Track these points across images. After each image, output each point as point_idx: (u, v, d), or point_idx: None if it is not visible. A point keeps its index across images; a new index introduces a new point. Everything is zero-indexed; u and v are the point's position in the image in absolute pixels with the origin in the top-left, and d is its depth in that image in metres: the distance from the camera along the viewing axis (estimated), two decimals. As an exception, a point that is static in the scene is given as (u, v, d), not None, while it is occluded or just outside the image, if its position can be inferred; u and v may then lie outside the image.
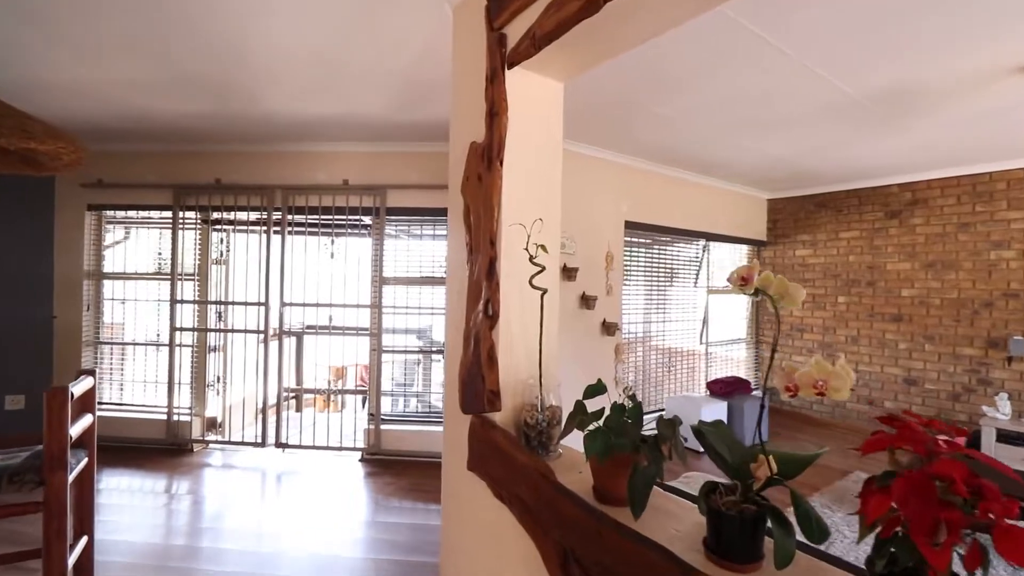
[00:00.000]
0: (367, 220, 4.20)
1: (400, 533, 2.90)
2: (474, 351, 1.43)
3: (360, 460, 4.06)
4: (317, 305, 4.31)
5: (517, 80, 1.39)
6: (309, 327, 4.55)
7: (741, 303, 6.01)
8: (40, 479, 1.61)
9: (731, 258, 5.89)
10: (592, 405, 1.16)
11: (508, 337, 1.40)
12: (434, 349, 4.40)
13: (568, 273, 3.98)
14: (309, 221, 4.23)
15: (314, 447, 4.21)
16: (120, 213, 4.55)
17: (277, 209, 4.25)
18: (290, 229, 4.27)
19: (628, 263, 4.69)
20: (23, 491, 1.62)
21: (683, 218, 5.03)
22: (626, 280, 4.63)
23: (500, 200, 1.36)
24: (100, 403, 4.46)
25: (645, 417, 1.07)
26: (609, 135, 3.88)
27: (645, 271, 4.93)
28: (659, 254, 5.11)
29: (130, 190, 4.35)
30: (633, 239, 4.76)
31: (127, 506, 3.21)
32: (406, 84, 2.84)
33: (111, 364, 4.60)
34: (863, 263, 5.21)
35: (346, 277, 4.27)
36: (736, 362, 5.86)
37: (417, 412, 4.34)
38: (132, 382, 4.61)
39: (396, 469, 3.87)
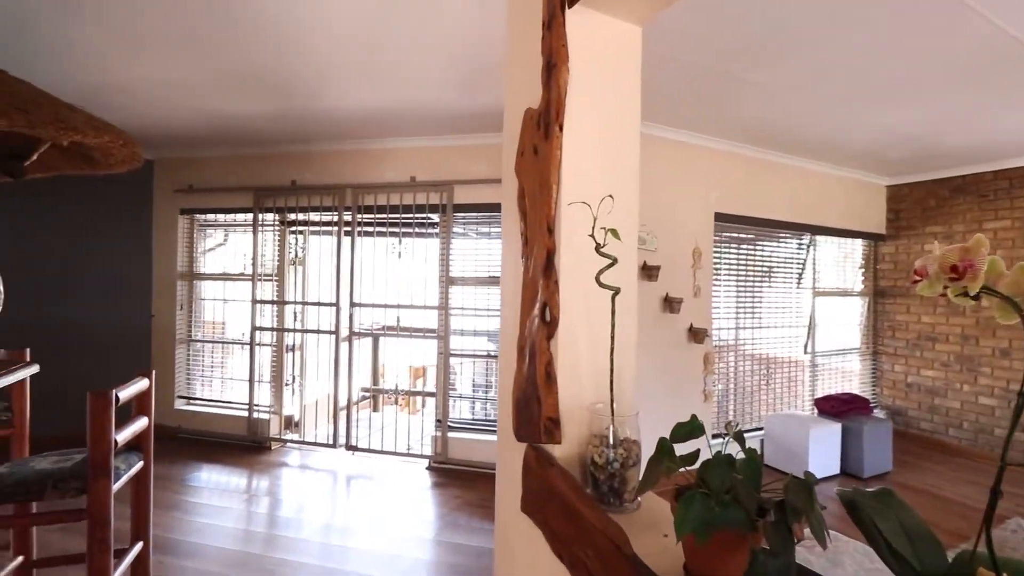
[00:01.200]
0: (434, 218, 4.07)
1: (464, 556, 2.69)
2: (529, 366, 1.15)
3: (427, 468, 3.93)
4: (385, 306, 4.25)
5: (581, 23, 1.10)
6: (387, 328, 4.52)
7: (854, 307, 5.21)
8: (84, 487, 1.56)
9: (841, 255, 5.13)
10: (683, 445, 0.84)
11: (571, 349, 1.10)
12: (499, 352, 4.18)
13: (648, 272, 3.58)
14: (378, 220, 4.18)
15: (382, 451, 4.14)
16: (209, 216, 4.79)
17: (348, 209, 4.25)
18: (360, 229, 4.24)
19: (718, 261, 4.17)
20: (67, 497, 1.58)
21: (784, 209, 4.41)
22: (716, 280, 4.12)
23: (559, 175, 1.07)
24: (190, 398, 4.73)
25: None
26: (694, 114, 3.43)
27: (738, 270, 4.37)
28: (754, 250, 4.53)
29: (216, 194, 4.56)
30: (724, 234, 4.24)
31: (207, 505, 3.28)
32: (465, 59, 2.62)
33: (201, 361, 4.85)
34: (1016, 259, 4.28)
35: (414, 278, 4.17)
36: (848, 375, 5.08)
37: (486, 420, 4.13)
38: (220, 379, 4.83)
39: (463, 481, 3.69)
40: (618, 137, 1.17)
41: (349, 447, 4.18)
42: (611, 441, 1.01)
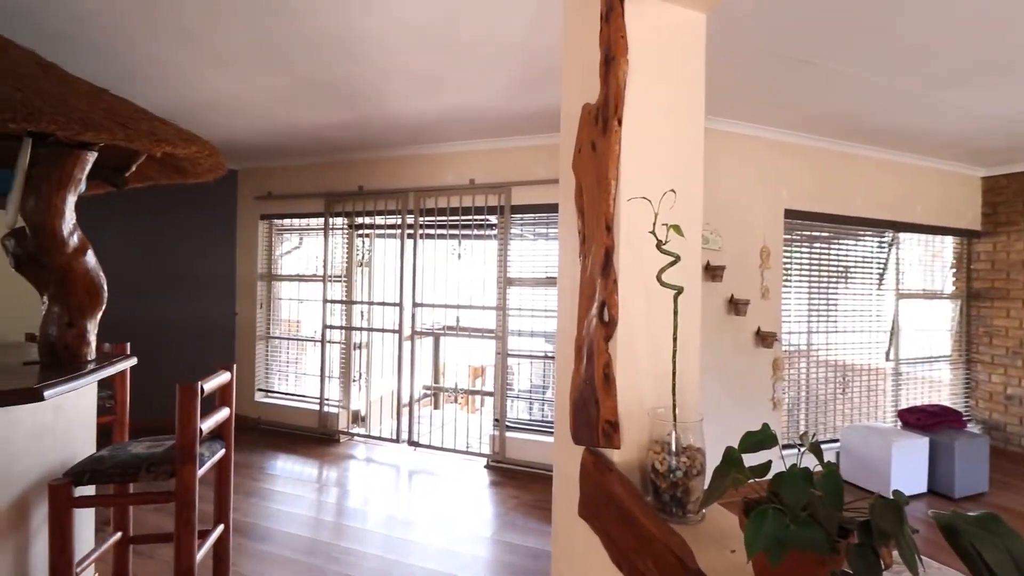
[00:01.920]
0: (492, 219, 4.10)
1: (521, 556, 2.69)
2: (587, 367, 1.12)
3: (485, 467, 3.97)
4: (445, 306, 4.34)
5: (640, 13, 1.06)
6: (447, 328, 4.62)
7: (944, 311, 4.72)
8: (173, 471, 1.69)
9: (928, 254, 4.65)
10: (751, 456, 0.79)
11: (630, 351, 1.07)
12: (556, 353, 4.14)
13: (712, 272, 3.42)
14: (438, 223, 4.28)
15: (442, 448, 4.23)
16: (285, 221, 5.11)
17: (410, 212, 4.38)
18: (421, 232, 4.36)
19: (789, 260, 3.91)
20: (159, 480, 1.72)
21: (863, 205, 4.07)
22: (786, 281, 3.87)
23: (618, 171, 1.04)
24: (269, 391, 5.05)
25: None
26: (764, 107, 3.24)
27: (810, 270, 4.08)
28: (829, 249, 4.20)
29: (291, 200, 4.85)
30: (796, 232, 3.97)
31: (282, 492, 3.49)
32: (521, 59, 2.61)
33: (278, 357, 5.17)
34: None
35: (473, 279, 4.23)
36: (937, 385, 4.60)
37: (543, 421, 4.12)
38: (295, 374, 5.13)
39: (520, 481, 3.69)
40: (680, 130, 1.12)
41: (411, 443, 4.31)
42: (673, 448, 0.96)
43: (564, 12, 1.40)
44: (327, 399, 4.68)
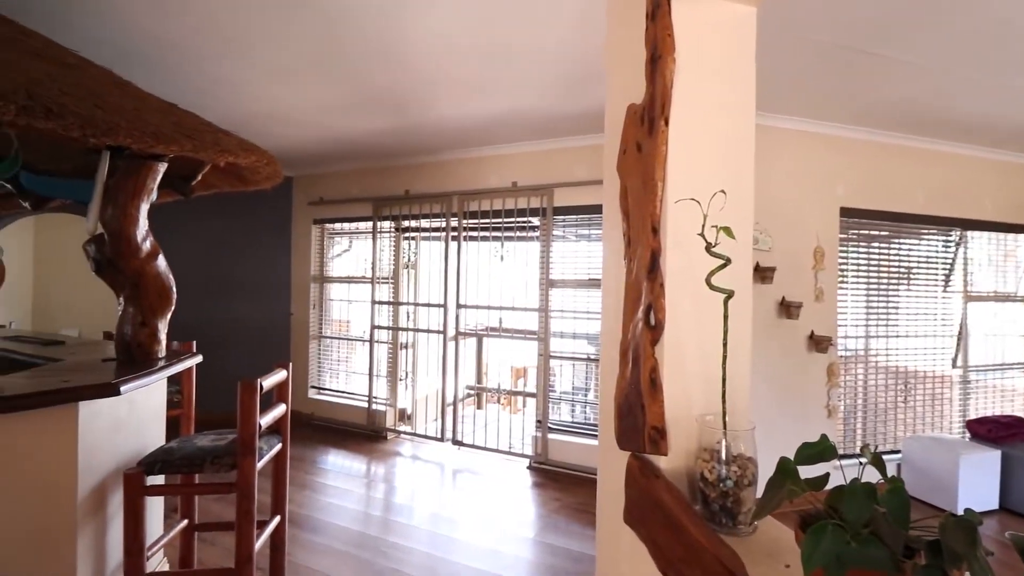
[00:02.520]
0: (535, 221, 4.11)
1: (563, 559, 2.68)
2: (632, 372, 1.11)
3: (528, 468, 3.97)
4: (488, 308, 4.38)
5: (688, 10, 1.03)
6: (490, 329, 4.67)
7: (1020, 314, 4.33)
8: (235, 463, 1.79)
9: (1000, 253, 4.28)
10: (807, 468, 0.76)
11: (677, 356, 1.04)
12: (600, 356, 4.09)
13: (762, 274, 3.29)
14: (481, 225, 4.32)
15: (485, 448, 4.27)
16: (336, 225, 5.31)
17: (454, 215, 4.45)
18: (465, 234, 4.42)
19: (844, 261, 3.71)
20: (221, 472, 1.82)
21: (926, 201, 3.80)
22: (842, 282, 3.67)
23: (665, 172, 1.02)
24: (321, 388, 5.25)
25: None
26: (817, 100, 3.09)
27: (868, 271, 3.84)
28: (889, 249, 3.95)
29: (342, 205, 5.03)
30: (852, 231, 3.76)
31: (333, 486, 3.62)
32: (565, 61, 2.61)
33: (329, 356, 5.37)
34: None
35: (515, 280, 4.25)
36: (1010, 394, 4.23)
37: (586, 423, 4.08)
38: (345, 372, 5.31)
39: (563, 483, 3.67)
40: (730, 128, 1.09)
41: (456, 442, 4.37)
42: (723, 457, 0.93)
43: (608, 12, 1.39)
44: (375, 397, 4.82)
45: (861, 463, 0.76)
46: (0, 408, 1.53)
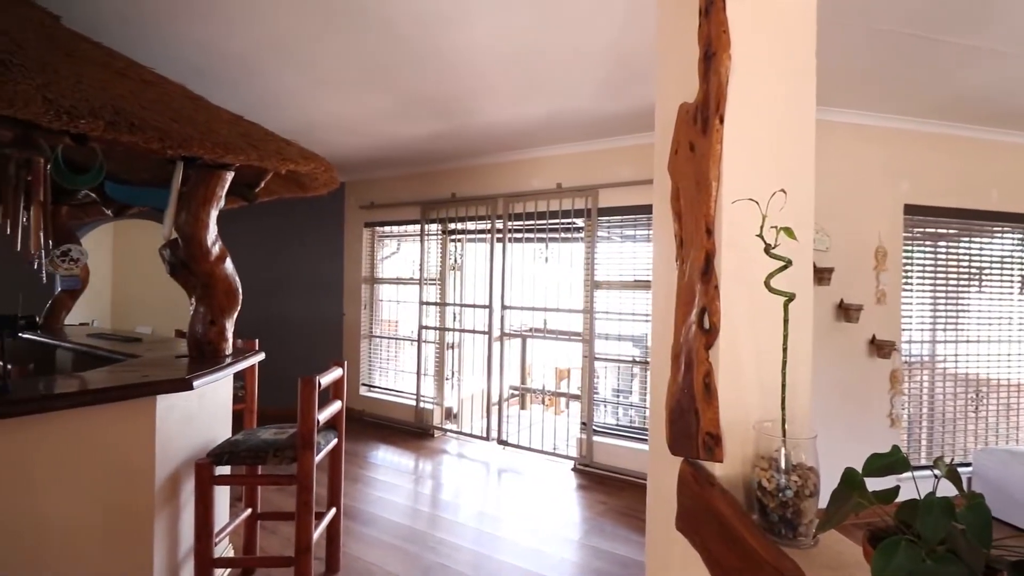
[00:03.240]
0: (579, 223, 4.08)
1: (609, 563, 2.65)
2: (685, 376, 1.09)
3: (572, 470, 3.95)
4: (533, 309, 4.39)
5: (744, 3, 1.00)
6: (535, 330, 4.68)
7: None
8: (295, 456, 1.88)
9: None
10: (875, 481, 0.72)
11: (733, 360, 1.01)
12: (650, 360, 4.01)
13: (819, 275, 3.13)
14: (526, 227, 4.34)
15: (530, 448, 4.28)
16: (386, 228, 5.47)
17: (499, 217, 4.49)
18: (510, 236, 4.45)
19: (909, 261, 3.48)
20: (282, 464, 1.92)
21: (1000, 197, 3.50)
22: (906, 284, 3.44)
23: (720, 171, 1.00)
24: (371, 386, 5.42)
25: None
26: (880, 92, 2.92)
27: (935, 272, 3.58)
28: (958, 248, 3.66)
29: (391, 208, 5.18)
30: (917, 229, 3.52)
31: (383, 481, 3.73)
32: (611, 62, 2.59)
33: (379, 355, 5.53)
34: None
35: (559, 282, 4.24)
36: None
37: (632, 427, 4.02)
38: (394, 371, 5.46)
39: (608, 487, 3.63)
40: (789, 125, 1.05)
41: (500, 441, 4.40)
42: (783, 465, 0.90)
43: (659, 10, 1.37)
44: (422, 395, 4.93)
45: (936, 476, 0.72)
46: (88, 400, 1.67)
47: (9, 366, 1.80)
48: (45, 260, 3.14)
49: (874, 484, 0.74)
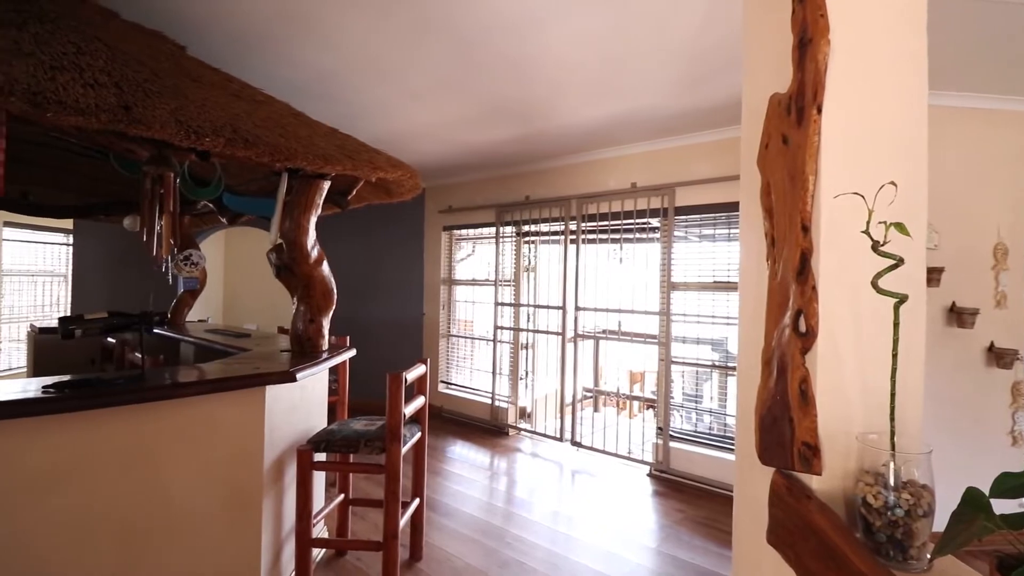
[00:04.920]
0: (655, 223, 3.97)
1: (687, 573, 2.56)
2: (778, 381, 1.04)
3: (648, 475, 3.85)
4: (607, 311, 4.33)
5: (847, -14, 0.94)
6: (608, 332, 4.62)
7: None
8: (383, 447, 2.00)
9: None
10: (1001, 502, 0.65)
11: (833, 366, 0.95)
12: (730, 364, 3.81)
13: (927, 275, 2.80)
14: (600, 228, 4.29)
15: (604, 451, 4.22)
16: (462, 231, 5.64)
17: (573, 218, 4.47)
18: (584, 237, 4.42)
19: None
20: (372, 454, 2.05)
21: None
22: (1031, 285, 3.00)
23: (817, 164, 0.94)
24: (448, 384, 5.60)
25: None
26: (1001, 71, 2.57)
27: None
28: None
29: (467, 212, 5.33)
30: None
31: (460, 475, 3.86)
32: (690, 56, 2.50)
33: (456, 353, 5.71)
34: None
35: (634, 283, 4.15)
36: None
37: (711, 433, 3.84)
38: (470, 370, 5.61)
39: (686, 495, 3.50)
40: (896, 113, 0.97)
41: (574, 443, 4.38)
42: (891, 482, 0.84)
43: (744, 5, 1.31)
44: (497, 394, 5.02)
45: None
46: (209, 389, 1.88)
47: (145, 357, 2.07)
48: (171, 264, 3.56)
49: (998, 507, 0.67)
